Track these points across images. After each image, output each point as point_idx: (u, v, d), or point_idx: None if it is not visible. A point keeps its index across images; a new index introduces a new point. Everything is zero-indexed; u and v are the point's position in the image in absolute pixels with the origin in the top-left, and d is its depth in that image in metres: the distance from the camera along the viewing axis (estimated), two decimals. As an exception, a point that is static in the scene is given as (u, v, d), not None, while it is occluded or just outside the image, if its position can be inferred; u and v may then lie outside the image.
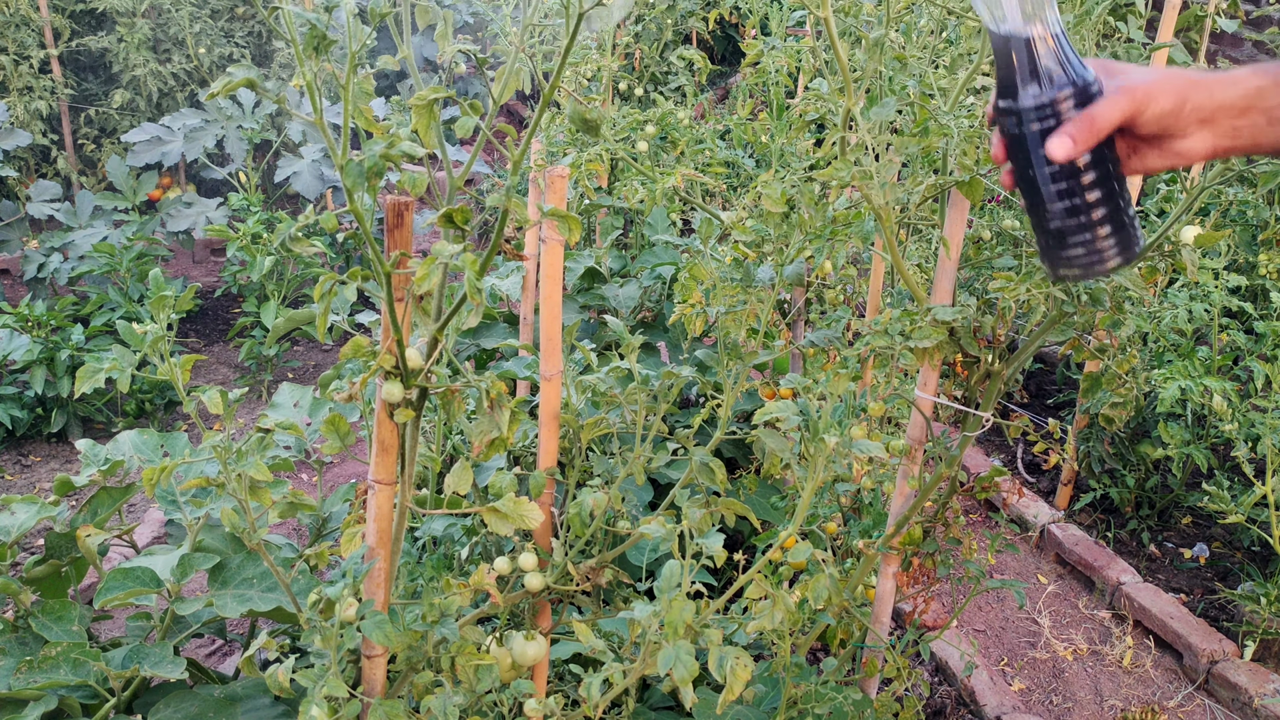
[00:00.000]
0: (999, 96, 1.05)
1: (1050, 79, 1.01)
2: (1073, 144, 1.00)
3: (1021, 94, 1.02)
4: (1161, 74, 1.02)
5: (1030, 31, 1.01)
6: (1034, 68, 1.02)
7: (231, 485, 1.43)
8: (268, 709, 1.90)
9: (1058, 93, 1.01)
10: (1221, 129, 1.01)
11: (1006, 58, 1.03)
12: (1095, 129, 1.00)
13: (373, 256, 1.19)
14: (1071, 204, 1.03)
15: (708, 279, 2.06)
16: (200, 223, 4.71)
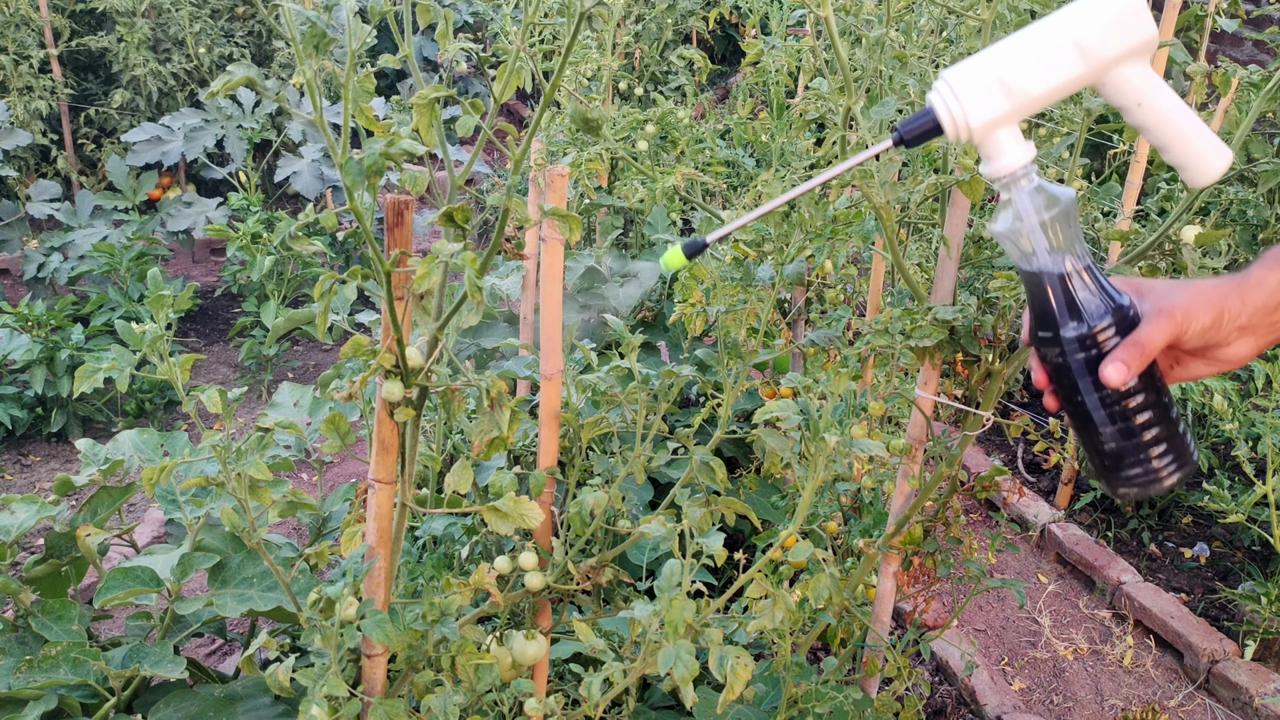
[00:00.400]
0: (1037, 327, 1.06)
1: (1088, 310, 1.03)
2: (1127, 369, 1.01)
3: (1062, 327, 1.03)
4: (1194, 290, 1.04)
5: (1062, 267, 1.03)
6: (1070, 301, 1.03)
7: (231, 485, 1.43)
8: (268, 709, 1.90)
9: (1099, 323, 1.02)
10: (1261, 330, 1.04)
11: (1040, 292, 1.04)
12: (1145, 354, 1.01)
13: (373, 255, 1.19)
14: (1125, 426, 1.04)
15: (708, 278, 2.06)
16: (200, 222, 4.70)
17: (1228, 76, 1.73)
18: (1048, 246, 1.02)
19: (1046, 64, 1.00)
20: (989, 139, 1.02)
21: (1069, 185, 1.75)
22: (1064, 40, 1.00)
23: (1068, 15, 1.01)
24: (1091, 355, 1.02)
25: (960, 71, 1.01)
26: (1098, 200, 2.09)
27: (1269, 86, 1.59)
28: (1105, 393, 1.03)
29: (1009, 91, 1.00)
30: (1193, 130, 1.03)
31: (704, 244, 1.10)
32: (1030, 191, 1.03)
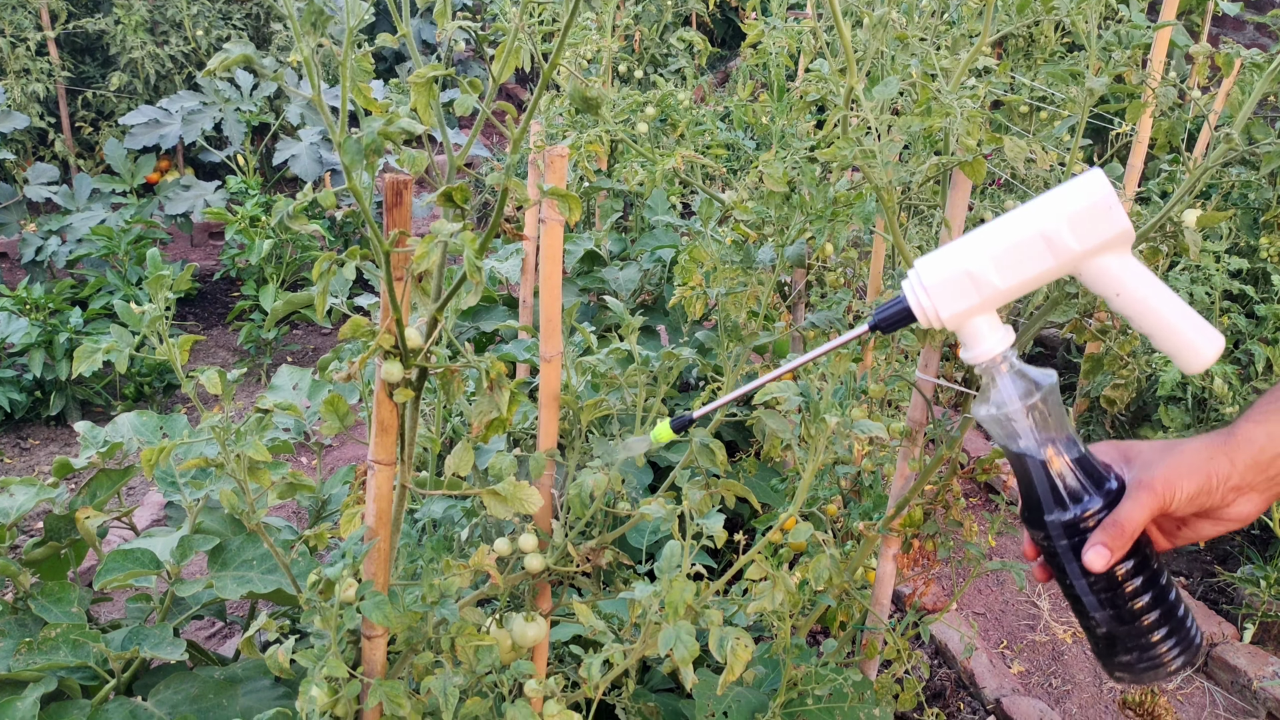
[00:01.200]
0: (1024, 508, 1.04)
1: (1072, 495, 1.00)
2: (1109, 553, 0.97)
3: (1046, 512, 1.01)
4: (1177, 456, 1.00)
5: (1044, 452, 1.01)
6: (1053, 486, 1.01)
7: (230, 466, 1.43)
8: (268, 690, 1.90)
9: (1082, 509, 1.00)
10: (1260, 486, 0.99)
11: (1025, 475, 1.03)
12: (1127, 534, 0.98)
13: (372, 235, 1.18)
14: (1117, 610, 1.01)
15: (708, 261, 2.05)
16: (198, 206, 4.69)
17: (1230, 58, 1.72)
18: (1031, 431, 1.01)
19: (1015, 258, 0.98)
20: (964, 327, 1.01)
21: (1070, 169, 1.75)
22: (1031, 235, 0.97)
23: (1035, 209, 0.98)
24: (1076, 541, 1.00)
25: (930, 263, 1.00)
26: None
27: (1271, 68, 1.58)
28: (1094, 578, 1.00)
29: (978, 285, 0.98)
30: (1179, 319, 1.00)
31: (691, 419, 1.13)
32: (1010, 377, 1.01)
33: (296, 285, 4.49)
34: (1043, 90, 2.18)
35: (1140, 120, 2.67)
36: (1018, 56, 2.32)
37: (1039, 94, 2.25)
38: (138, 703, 1.79)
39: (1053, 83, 2.00)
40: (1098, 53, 1.67)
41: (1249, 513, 1.00)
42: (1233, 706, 2.77)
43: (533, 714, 1.46)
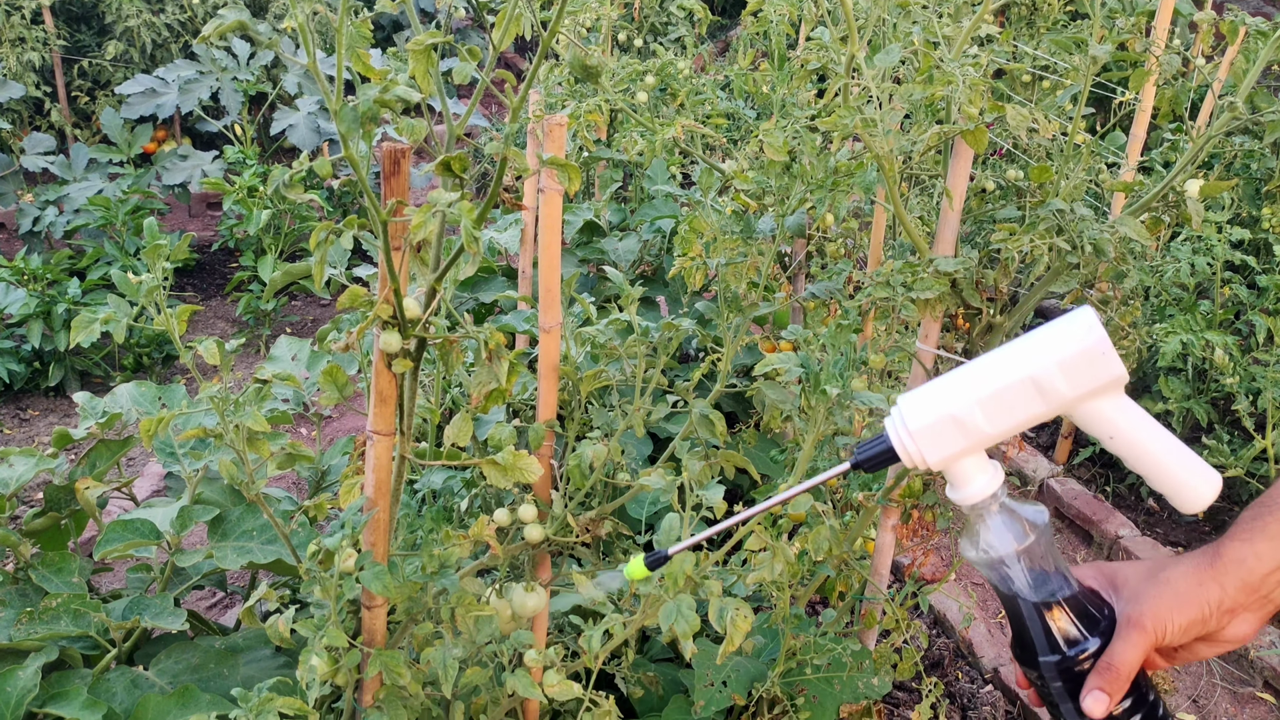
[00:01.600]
0: (1017, 645, 1.02)
1: (1066, 638, 0.98)
2: (1108, 699, 0.96)
3: (1040, 654, 0.99)
4: (1165, 588, 0.96)
5: (1036, 594, 0.98)
6: (1046, 629, 0.98)
7: (229, 436, 1.43)
8: (269, 660, 1.91)
9: (1078, 652, 0.98)
10: (1253, 606, 0.96)
11: (1017, 616, 1.00)
12: (1123, 678, 0.96)
13: (369, 205, 1.17)
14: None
15: (708, 231, 2.04)
16: (196, 176, 4.67)
17: (1235, 26, 1.70)
18: (1023, 574, 0.98)
19: (1003, 403, 0.94)
20: (951, 469, 0.97)
21: (1072, 138, 1.73)
22: (1021, 379, 0.93)
23: (1025, 352, 0.94)
24: (1070, 683, 0.98)
25: (914, 405, 0.96)
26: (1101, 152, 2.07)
27: (1275, 36, 1.56)
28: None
29: (964, 430, 0.94)
30: (1177, 461, 0.97)
31: (666, 556, 1.11)
32: (1000, 518, 0.98)
33: (295, 256, 4.48)
34: (1045, 59, 2.16)
35: (1144, 89, 2.65)
36: (1020, 24, 2.30)
37: (1042, 63, 2.23)
38: (139, 672, 1.80)
39: (1055, 51, 1.98)
40: (1101, 20, 1.65)
41: (1246, 633, 0.97)
42: (1229, 675, 2.79)
43: (533, 683, 1.46)
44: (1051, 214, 1.58)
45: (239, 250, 4.55)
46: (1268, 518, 0.95)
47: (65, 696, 1.64)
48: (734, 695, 1.79)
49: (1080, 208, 1.59)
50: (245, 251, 4.37)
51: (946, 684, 2.69)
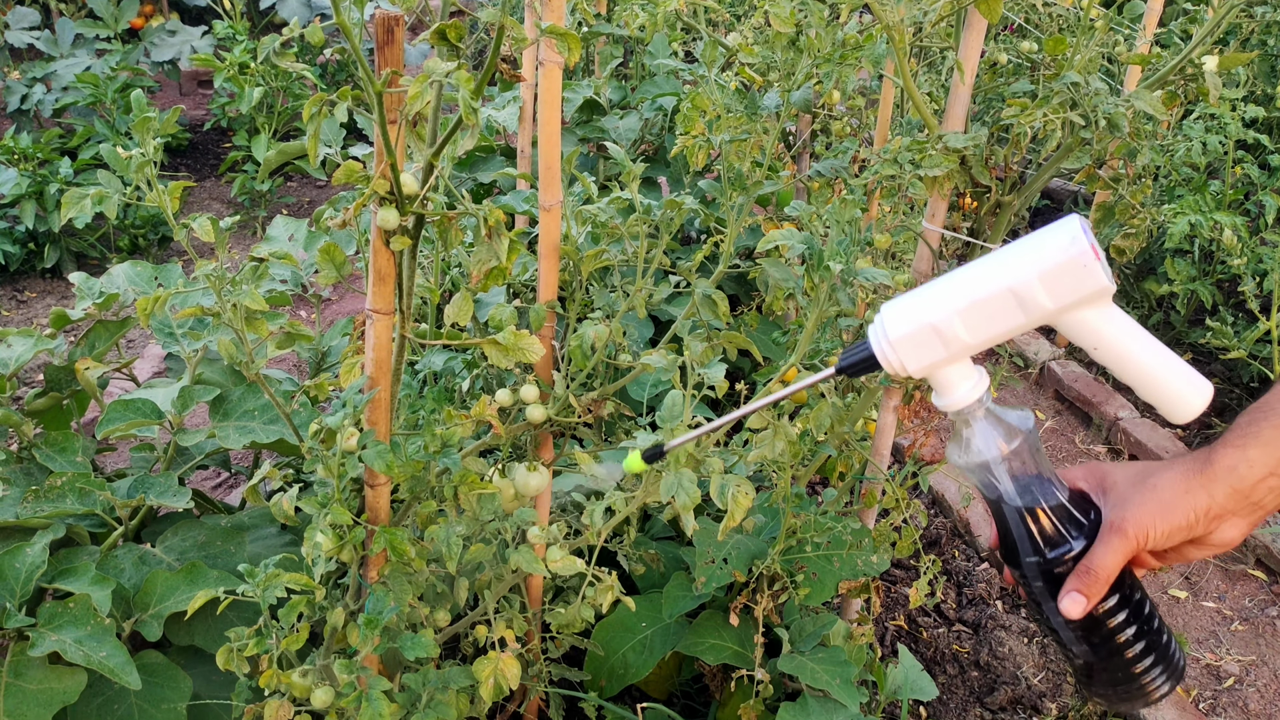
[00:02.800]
0: (1002, 547, 1.01)
1: (1049, 540, 0.98)
2: (1085, 600, 0.95)
3: (1022, 555, 0.99)
4: (1152, 493, 0.96)
5: (1021, 498, 0.98)
6: (1029, 531, 0.98)
7: (227, 315, 1.41)
8: (275, 537, 1.93)
9: (1060, 553, 0.97)
10: (1242, 512, 0.94)
11: (1001, 518, 1.00)
12: (1101, 581, 0.95)
13: (363, 76, 1.13)
14: (1096, 645, 0.99)
15: (711, 109, 1.99)
16: (185, 52, 4.56)
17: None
18: (1008, 478, 0.98)
19: (983, 314, 0.92)
20: (934, 376, 0.96)
21: (1088, 10, 1.67)
22: (1000, 291, 0.91)
23: (1006, 263, 0.92)
24: (1051, 584, 0.98)
25: (895, 314, 0.95)
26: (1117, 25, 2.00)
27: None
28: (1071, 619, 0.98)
29: (944, 340, 0.93)
30: (1165, 372, 0.95)
31: (662, 451, 1.10)
32: (986, 423, 0.98)
33: (289, 135, 4.40)
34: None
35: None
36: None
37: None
38: (147, 549, 1.82)
39: (1075, -83, 1.90)
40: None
41: (1234, 537, 0.97)
42: (1223, 554, 2.83)
43: (536, 559, 1.48)
44: (1065, 87, 1.53)
45: (232, 130, 4.47)
46: (1263, 423, 0.95)
47: (74, 572, 1.65)
48: (734, 572, 1.81)
49: (1095, 81, 1.54)
50: (238, 131, 4.29)
51: (943, 562, 2.73)
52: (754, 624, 1.85)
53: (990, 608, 2.56)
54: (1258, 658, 2.49)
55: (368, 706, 1.36)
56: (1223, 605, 2.66)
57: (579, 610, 1.55)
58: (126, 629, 1.68)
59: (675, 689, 2.16)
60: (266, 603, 1.39)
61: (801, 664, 1.80)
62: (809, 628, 1.89)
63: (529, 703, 2.02)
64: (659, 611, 1.95)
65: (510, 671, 1.50)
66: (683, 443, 1.14)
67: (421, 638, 1.41)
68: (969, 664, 2.40)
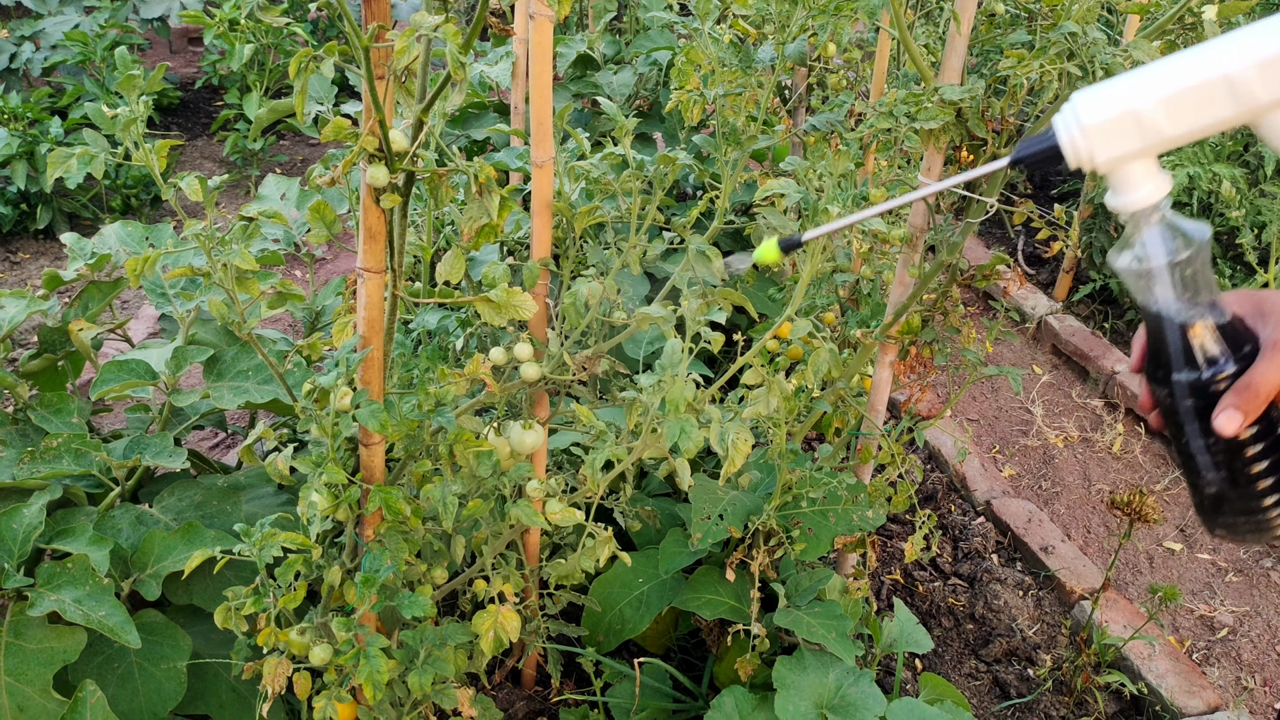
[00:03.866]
0: (1151, 364, 0.97)
1: (1206, 358, 0.94)
2: (1241, 417, 0.92)
3: (1175, 371, 0.95)
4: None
5: (1184, 314, 0.93)
6: (1187, 348, 0.94)
7: (217, 275, 1.40)
8: (271, 497, 1.93)
9: (1215, 372, 0.93)
10: None
11: (1158, 333, 0.95)
12: (1261, 397, 0.92)
13: (349, 30, 1.12)
14: (1233, 474, 0.96)
15: (705, 63, 1.97)
16: (175, 9, 4.50)
17: None
18: (1172, 289, 0.94)
19: (1190, 103, 0.87)
20: (1120, 171, 0.91)
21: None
22: (1213, 78, 0.86)
23: (1221, 49, 0.86)
24: (1201, 402, 0.95)
25: (1091, 100, 0.89)
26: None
27: None
28: (1214, 439, 0.95)
29: (1143, 130, 0.88)
30: None
31: (799, 241, 1.05)
32: (1160, 229, 0.92)
33: (281, 93, 4.36)
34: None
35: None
36: None
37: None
38: (144, 509, 1.82)
39: None
40: None
41: None
42: (1216, 506, 2.84)
43: (535, 512, 1.48)
44: (1063, 37, 1.51)
45: (223, 88, 4.43)
46: None
47: (71, 533, 1.66)
48: (730, 528, 1.81)
49: (1093, 31, 1.52)
50: (230, 89, 4.25)
51: (940, 516, 2.74)
52: (750, 579, 1.86)
53: (986, 561, 2.57)
54: (1251, 608, 2.51)
55: (365, 663, 1.37)
56: (1217, 557, 2.68)
57: (578, 562, 1.55)
58: (125, 589, 1.68)
59: (673, 644, 2.18)
60: (263, 562, 1.39)
61: (797, 618, 1.81)
62: (805, 582, 1.90)
63: (527, 658, 2.04)
64: (656, 567, 1.96)
65: (510, 624, 1.51)
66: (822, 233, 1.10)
67: (418, 596, 1.41)
68: (964, 617, 2.42)
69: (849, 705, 1.71)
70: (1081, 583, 2.45)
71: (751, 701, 1.75)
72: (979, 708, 2.19)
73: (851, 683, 1.75)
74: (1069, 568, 2.49)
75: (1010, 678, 2.25)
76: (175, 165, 4.39)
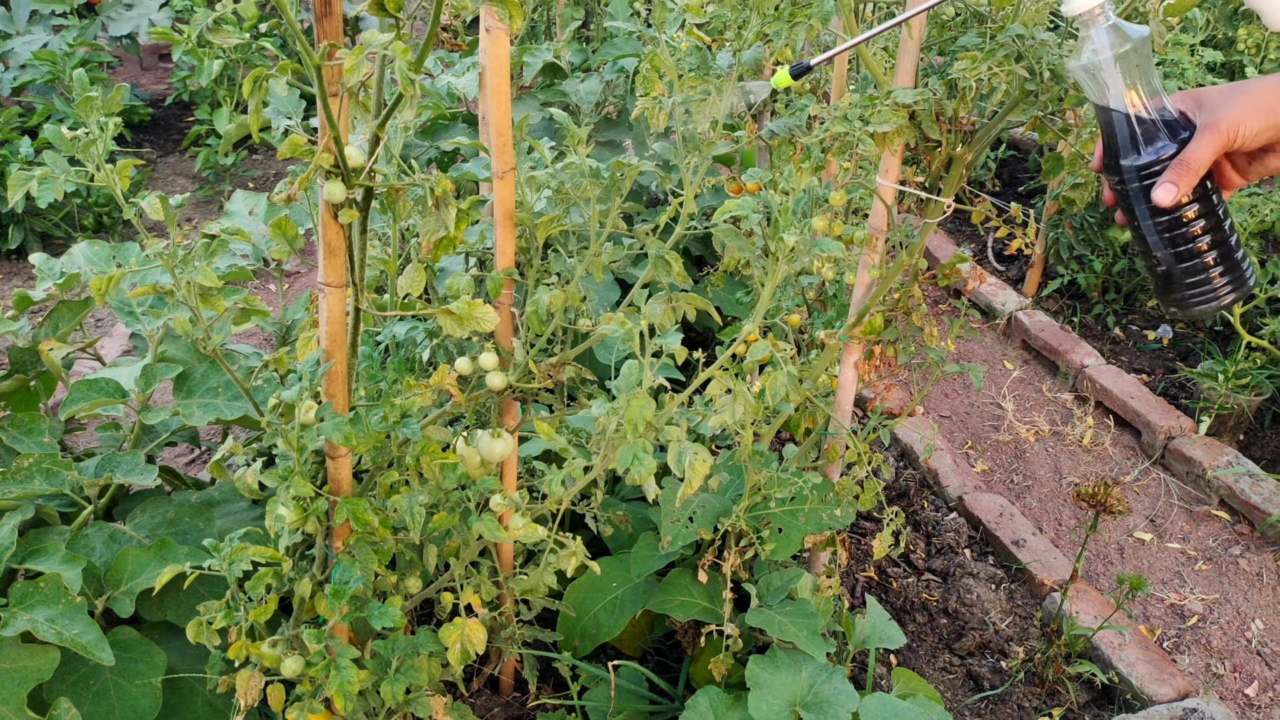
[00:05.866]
0: (1105, 156, 1.12)
1: (1149, 142, 1.08)
2: (1175, 189, 1.06)
3: (1123, 157, 1.09)
4: (1243, 97, 1.06)
5: (1129, 104, 1.08)
6: (1133, 135, 1.09)
7: (181, 293, 1.41)
8: (245, 512, 1.94)
9: (1157, 154, 1.08)
10: None
11: (1108, 125, 1.10)
12: (1192, 171, 1.05)
13: (301, 49, 1.13)
14: (1178, 249, 1.11)
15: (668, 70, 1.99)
16: (143, 26, 4.50)
17: None
18: (1118, 81, 1.08)
19: None
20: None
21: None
22: None
23: None
24: (1147, 183, 1.08)
25: None
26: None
27: None
28: (1160, 217, 1.09)
29: None
30: None
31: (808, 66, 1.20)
32: (1105, 29, 1.07)
33: (253, 108, 4.36)
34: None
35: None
36: None
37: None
38: (117, 527, 1.83)
39: None
40: None
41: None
42: (1187, 496, 2.88)
43: (498, 527, 1.50)
44: (1010, 40, 1.54)
45: (194, 103, 4.43)
46: None
47: (44, 552, 1.66)
48: (700, 530, 1.83)
49: (1040, 32, 1.55)
50: (200, 104, 4.25)
51: (912, 513, 2.77)
52: (722, 580, 1.88)
53: (959, 556, 2.60)
54: (1220, 596, 2.54)
55: (336, 674, 1.38)
56: (1187, 546, 2.71)
57: (541, 576, 1.57)
58: (99, 606, 1.69)
59: (648, 646, 2.19)
60: (233, 576, 1.41)
61: (769, 617, 1.83)
62: (776, 582, 1.92)
63: (504, 664, 2.05)
64: (629, 571, 1.98)
65: (476, 636, 1.53)
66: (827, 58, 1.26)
67: (388, 607, 1.43)
68: (938, 612, 2.44)
69: (822, 702, 1.73)
70: (1052, 575, 2.48)
71: (726, 701, 1.77)
72: (952, 701, 2.22)
73: (824, 680, 1.77)
74: (1040, 560, 2.52)
75: (983, 670, 2.28)
76: (147, 182, 4.38)
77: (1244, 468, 2.82)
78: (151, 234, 1.51)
